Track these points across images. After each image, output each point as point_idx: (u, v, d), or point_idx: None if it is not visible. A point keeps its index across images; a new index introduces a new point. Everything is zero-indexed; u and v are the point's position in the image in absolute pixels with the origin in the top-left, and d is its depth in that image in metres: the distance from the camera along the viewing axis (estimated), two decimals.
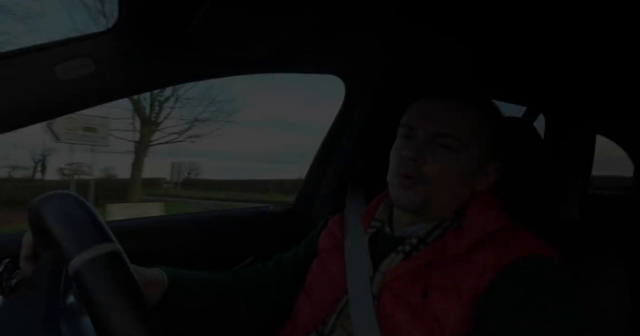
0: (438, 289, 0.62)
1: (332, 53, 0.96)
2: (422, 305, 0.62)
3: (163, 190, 16.53)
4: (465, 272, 0.61)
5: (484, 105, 0.74)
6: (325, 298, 0.73)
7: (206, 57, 0.80)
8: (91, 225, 0.39)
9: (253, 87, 30.89)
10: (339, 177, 1.23)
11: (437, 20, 0.79)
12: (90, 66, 0.67)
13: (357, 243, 0.77)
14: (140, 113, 7.92)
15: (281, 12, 0.64)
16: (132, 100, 7.67)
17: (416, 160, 0.67)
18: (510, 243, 0.62)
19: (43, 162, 10.93)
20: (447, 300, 0.61)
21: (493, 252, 0.62)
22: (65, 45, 0.66)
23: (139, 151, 8.77)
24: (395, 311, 0.63)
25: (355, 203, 0.93)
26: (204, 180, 19.24)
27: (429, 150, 0.68)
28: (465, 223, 0.67)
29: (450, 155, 0.67)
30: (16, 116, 0.64)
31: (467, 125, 0.69)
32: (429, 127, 0.68)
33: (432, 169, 0.67)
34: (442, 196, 0.69)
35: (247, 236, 1.14)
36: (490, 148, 0.71)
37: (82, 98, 0.68)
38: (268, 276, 0.83)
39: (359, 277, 0.71)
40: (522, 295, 0.57)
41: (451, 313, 0.60)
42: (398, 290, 0.65)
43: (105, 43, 0.68)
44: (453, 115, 0.69)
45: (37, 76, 0.64)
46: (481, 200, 0.71)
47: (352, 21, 0.79)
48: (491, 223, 0.65)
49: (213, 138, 18.39)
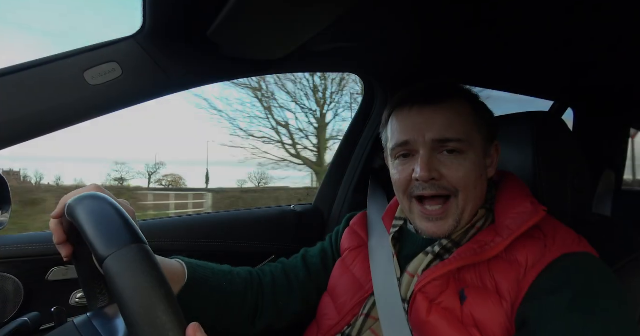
0: (476, 292, 0.58)
1: (352, 52, 0.95)
2: (460, 310, 0.58)
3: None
4: (504, 272, 0.57)
5: (465, 93, 0.69)
6: (350, 299, 0.71)
7: (227, 59, 0.81)
8: (123, 226, 0.41)
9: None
10: (358, 175, 1.23)
11: (461, 17, 0.77)
12: (118, 70, 0.69)
13: (382, 243, 0.75)
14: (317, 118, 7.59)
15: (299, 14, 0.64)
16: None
17: (434, 178, 0.62)
18: (550, 240, 0.58)
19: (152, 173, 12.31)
20: (486, 303, 0.57)
21: (533, 249, 0.57)
22: (93, 51, 0.69)
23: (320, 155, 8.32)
24: (431, 317, 0.59)
25: (377, 202, 0.92)
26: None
27: (439, 161, 0.63)
28: (498, 219, 0.63)
29: (461, 159, 0.63)
30: (49, 121, 0.67)
31: (464, 121, 0.64)
32: (424, 137, 0.63)
33: (454, 180, 0.63)
34: (474, 200, 0.65)
35: (269, 235, 1.16)
36: (487, 131, 0.68)
37: (110, 102, 0.71)
38: (294, 273, 0.81)
39: (385, 279, 0.68)
40: (572, 296, 0.52)
41: (493, 316, 0.56)
42: (432, 294, 0.61)
43: (131, 48, 0.71)
44: (447, 116, 0.64)
45: (68, 82, 0.67)
46: (509, 191, 0.67)
47: (372, 21, 0.78)
48: (527, 218, 0.60)
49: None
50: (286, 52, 0.80)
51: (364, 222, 0.84)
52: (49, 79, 0.66)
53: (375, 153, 1.22)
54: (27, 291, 0.80)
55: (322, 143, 7.16)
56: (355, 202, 1.23)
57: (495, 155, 0.70)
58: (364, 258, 0.76)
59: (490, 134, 0.69)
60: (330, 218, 1.27)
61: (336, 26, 0.74)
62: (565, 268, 0.55)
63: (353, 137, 1.25)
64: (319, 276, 0.81)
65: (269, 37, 0.73)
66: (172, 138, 5.44)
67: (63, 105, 0.67)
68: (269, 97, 6.84)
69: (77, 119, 0.70)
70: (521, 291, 0.56)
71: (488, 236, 0.62)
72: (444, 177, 0.63)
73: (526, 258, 0.57)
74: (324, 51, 0.91)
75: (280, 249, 1.16)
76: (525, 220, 0.60)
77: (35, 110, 0.65)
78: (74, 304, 0.87)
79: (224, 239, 1.08)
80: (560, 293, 0.53)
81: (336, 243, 0.86)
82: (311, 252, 0.86)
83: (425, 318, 0.60)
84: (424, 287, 0.62)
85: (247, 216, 1.17)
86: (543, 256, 0.57)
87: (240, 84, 6.48)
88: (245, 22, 0.66)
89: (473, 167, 0.64)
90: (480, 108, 0.69)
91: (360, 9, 0.72)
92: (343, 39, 0.87)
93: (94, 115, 0.71)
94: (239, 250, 1.10)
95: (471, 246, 0.62)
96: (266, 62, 0.85)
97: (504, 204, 0.65)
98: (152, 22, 0.68)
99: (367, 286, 0.71)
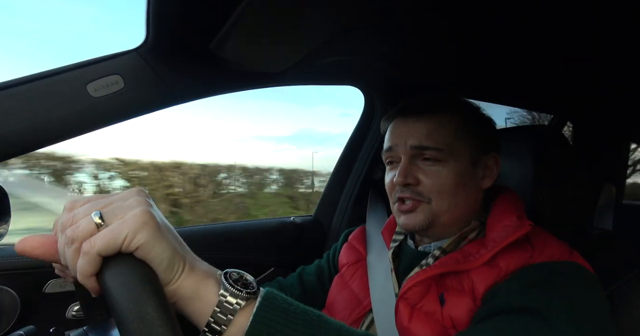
0: (454, 294, 0.59)
1: (351, 65, 0.97)
2: (440, 313, 0.59)
3: None
4: (484, 276, 0.58)
5: (456, 106, 0.71)
6: (348, 316, 0.71)
7: (229, 71, 0.82)
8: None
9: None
10: (358, 188, 1.23)
11: (460, 31, 0.78)
12: (120, 83, 0.70)
13: (380, 259, 0.75)
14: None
15: (300, 28, 0.65)
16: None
17: (410, 183, 0.66)
18: (538, 252, 0.59)
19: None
20: (461, 303, 0.58)
21: (517, 258, 0.58)
22: (96, 64, 0.70)
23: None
24: (411, 324, 0.60)
25: (377, 216, 0.91)
26: None
27: (416, 167, 0.67)
28: (487, 232, 0.64)
29: (439, 166, 0.66)
30: (51, 132, 0.68)
31: (446, 132, 0.66)
32: (405, 144, 0.67)
33: (428, 187, 0.65)
34: (450, 208, 0.66)
35: (268, 246, 1.15)
36: (481, 143, 0.69)
37: (113, 114, 0.72)
38: (290, 291, 0.80)
39: (383, 295, 0.68)
40: (526, 282, 0.53)
41: (466, 315, 0.56)
42: (414, 300, 0.62)
43: (134, 61, 0.72)
44: (428, 126, 0.67)
45: (70, 94, 0.68)
46: (500, 205, 0.68)
47: (372, 34, 0.79)
48: (512, 232, 0.60)
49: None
50: (287, 65, 0.81)
51: (362, 237, 0.84)
52: (52, 91, 0.67)
53: (376, 165, 1.22)
54: (23, 303, 0.79)
55: None
56: (355, 213, 1.22)
57: (494, 168, 0.70)
58: (363, 272, 0.75)
59: (484, 146, 0.70)
60: (331, 230, 1.26)
61: (336, 39, 0.75)
62: (536, 267, 0.55)
63: (353, 150, 1.25)
64: (314, 293, 0.81)
65: (270, 51, 0.74)
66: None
67: (65, 117, 0.68)
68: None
69: (79, 131, 0.70)
70: (493, 287, 0.56)
71: (474, 247, 0.63)
72: (420, 183, 0.66)
73: (508, 265, 0.58)
74: (325, 64, 0.92)
75: (280, 261, 1.16)
76: (510, 233, 0.60)
77: (38, 121, 0.66)
78: (70, 317, 0.86)
79: (223, 250, 1.07)
80: (519, 278, 0.54)
81: (334, 259, 0.85)
82: (307, 269, 0.86)
83: (407, 324, 0.60)
84: (405, 293, 0.63)
85: (247, 227, 1.17)
86: (524, 265, 0.57)
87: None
88: (247, 36, 0.67)
89: (453, 176, 0.66)
90: (473, 121, 0.70)
91: (361, 22, 0.73)
92: (343, 52, 0.88)
93: (96, 127, 0.71)
94: (237, 262, 1.09)
95: (455, 255, 0.62)
96: (267, 75, 0.86)
97: (493, 218, 0.66)
98: (155, 36, 0.69)
99: (365, 302, 0.70)
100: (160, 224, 0.36)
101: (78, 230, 0.34)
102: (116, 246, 0.34)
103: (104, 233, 0.34)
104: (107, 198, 0.37)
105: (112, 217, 0.35)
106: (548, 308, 0.48)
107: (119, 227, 0.34)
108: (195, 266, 0.39)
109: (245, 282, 0.40)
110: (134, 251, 0.34)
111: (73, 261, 0.34)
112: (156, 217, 0.36)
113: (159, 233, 0.36)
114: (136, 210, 0.35)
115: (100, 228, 0.34)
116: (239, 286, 0.38)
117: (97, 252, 0.33)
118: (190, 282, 0.37)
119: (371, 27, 0.76)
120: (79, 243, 0.34)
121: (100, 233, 0.34)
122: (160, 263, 0.35)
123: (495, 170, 0.70)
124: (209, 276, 0.39)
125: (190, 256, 0.39)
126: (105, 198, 0.37)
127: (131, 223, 0.34)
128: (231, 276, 0.39)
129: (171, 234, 0.38)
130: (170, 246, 0.36)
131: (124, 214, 0.35)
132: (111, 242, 0.33)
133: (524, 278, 0.54)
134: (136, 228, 0.34)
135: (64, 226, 0.35)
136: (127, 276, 0.33)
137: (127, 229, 0.34)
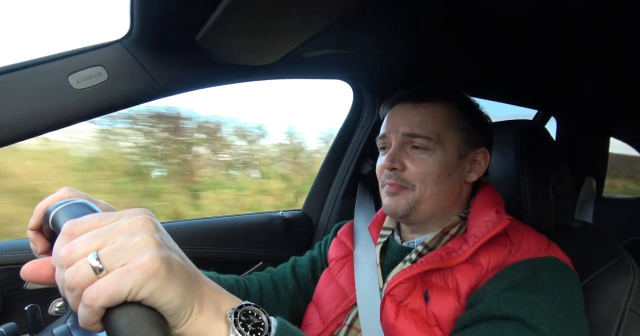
0: (438, 291, 0.61)
1: (340, 59, 0.96)
2: (425, 310, 0.60)
3: None
4: (466, 274, 0.60)
5: (452, 98, 0.72)
6: (334, 309, 0.72)
7: (216, 64, 0.81)
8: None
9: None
10: (346, 182, 1.24)
11: (449, 26, 0.79)
12: (104, 75, 0.68)
13: (367, 254, 0.76)
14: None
15: (288, 20, 0.64)
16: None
17: (396, 168, 0.68)
18: (516, 247, 0.61)
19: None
20: (445, 300, 0.59)
21: (497, 254, 0.60)
22: (78, 55, 0.68)
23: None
24: (397, 320, 0.61)
25: (364, 211, 0.92)
26: None
27: (405, 153, 0.68)
28: (468, 228, 0.66)
29: (425, 154, 0.67)
30: (32, 125, 0.66)
31: (437, 121, 0.68)
32: (397, 131, 0.69)
33: (413, 173, 0.67)
34: (431, 196, 0.68)
35: (257, 241, 1.15)
36: (471, 136, 0.70)
37: (95, 107, 0.70)
38: (283, 283, 0.81)
39: (368, 289, 0.69)
40: (511, 283, 0.55)
41: (450, 313, 0.58)
42: (400, 297, 0.63)
43: (117, 52, 0.70)
44: (419, 114, 0.69)
45: (52, 86, 0.66)
46: (480, 200, 0.69)
47: (362, 28, 0.79)
48: (491, 227, 0.62)
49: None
50: (275, 58, 0.81)
51: (350, 232, 0.85)
52: (32, 82, 0.65)
53: (364, 160, 1.23)
54: (4, 300, 0.77)
55: None
56: (344, 208, 1.23)
57: (482, 163, 0.72)
58: (350, 267, 0.76)
59: (475, 140, 0.71)
60: (319, 224, 1.27)
61: (326, 33, 0.75)
62: (516, 265, 0.58)
63: (341, 144, 1.25)
64: (307, 287, 0.82)
65: (258, 43, 0.73)
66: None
67: (46, 109, 0.66)
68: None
69: (61, 123, 0.68)
70: (475, 289, 0.58)
71: (457, 243, 0.64)
72: (406, 169, 0.68)
73: (489, 261, 0.60)
74: (314, 58, 0.91)
75: (269, 255, 1.16)
76: (489, 228, 0.62)
77: (18, 114, 0.64)
78: (53, 313, 0.84)
79: (211, 245, 1.07)
80: (502, 280, 0.56)
81: (325, 252, 0.86)
82: (300, 261, 0.86)
83: (393, 321, 0.61)
84: (392, 290, 0.64)
85: (235, 222, 1.16)
86: (505, 262, 0.59)
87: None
88: (234, 28, 0.66)
89: (438, 164, 0.67)
90: (468, 114, 0.71)
91: (350, 16, 0.73)
92: (333, 45, 0.88)
93: (79, 120, 0.69)
94: (225, 256, 1.08)
95: (439, 252, 0.64)
96: (255, 68, 0.85)
97: (473, 213, 0.67)
98: (139, 27, 0.67)
99: (351, 296, 0.71)
100: (171, 268, 0.32)
101: (78, 277, 0.30)
102: (120, 299, 0.30)
103: (106, 285, 0.29)
104: (110, 228, 0.32)
105: (113, 262, 0.30)
106: (531, 316, 0.50)
107: (123, 279, 0.29)
108: (204, 306, 0.35)
109: (256, 322, 0.36)
110: (141, 300, 0.31)
111: (75, 306, 0.31)
112: (166, 260, 0.32)
113: (169, 281, 0.31)
114: (144, 257, 0.30)
115: (99, 273, 0.30)
116: (250, 327, 0.35)
117: (99, 306, 0.30)
118: (198, 327, 0.34)
119: (361, 21, 0.76)
120: (80, 290, 0.30)
121: (102, 283, 0.30)
122: (168, 310, 0.32)
123: (484, 165, 0.72)
124: (217, 317, 0.35)
125: (200, 296, 0.35)
126: (108, 228, 0.32)
127: (137, 274, 0.30)
128: (242, 316, 0.36)
129: (183, 272, 0.34)
130: (180, 292, 0.32)
131: (128, 259, 0.30)
132: (114, 296, 0.29)
133: (506, 279, 0.56)
134: (143, 280, 0.30)
135: (62, 262, 0.31)
136: (135, 326, 0.30)
137: (132, 281, 0.30)
